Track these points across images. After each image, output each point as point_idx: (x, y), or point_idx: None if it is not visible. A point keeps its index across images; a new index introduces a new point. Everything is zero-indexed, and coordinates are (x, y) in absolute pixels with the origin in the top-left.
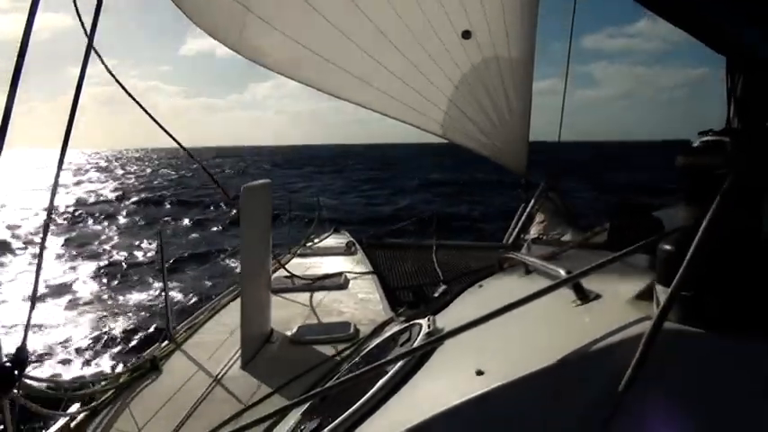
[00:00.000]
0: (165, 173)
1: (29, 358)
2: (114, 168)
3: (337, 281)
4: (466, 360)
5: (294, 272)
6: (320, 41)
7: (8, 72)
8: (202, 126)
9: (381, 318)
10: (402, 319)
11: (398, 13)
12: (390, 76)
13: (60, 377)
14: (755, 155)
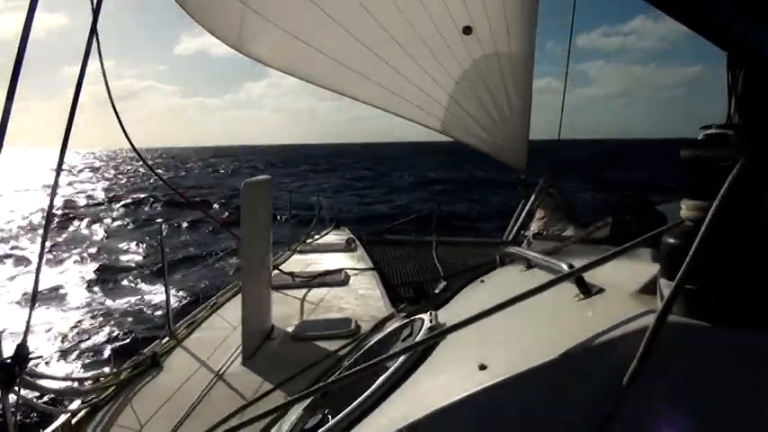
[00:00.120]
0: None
1: (29, 355)
2: (110, 168)
3: (338, 277)
4: (468, 354)
5: (295, 269)
6: (321, 37)
7: (5, 72)
8: (200, 126)
9: (382, 314)
10: (403, 315)
11: (400, 9)
12: (391, 72)
13: (61, 374)
14: (760, 146)
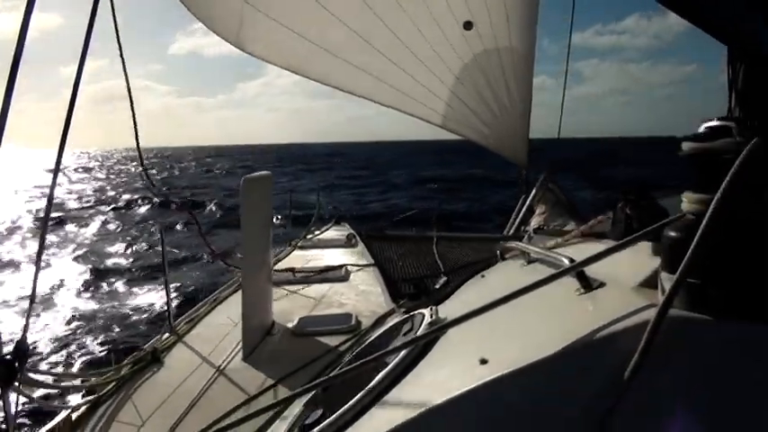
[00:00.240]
0: (151, 173)
1: (29, 351)
2: (108, 168)
3: (338, 273)
4: (469, 349)
5: (295, 264)
6: (318, 31)
7: (3, 72)
8: (198, 125)
9: (383, 309)
10: (403, 311)
11: (401, 4)
12: (391, 66)
13: (61, 370)
14: (763, 138)
